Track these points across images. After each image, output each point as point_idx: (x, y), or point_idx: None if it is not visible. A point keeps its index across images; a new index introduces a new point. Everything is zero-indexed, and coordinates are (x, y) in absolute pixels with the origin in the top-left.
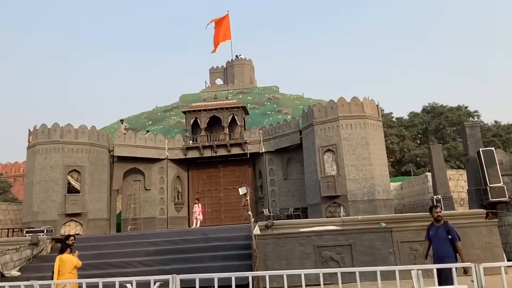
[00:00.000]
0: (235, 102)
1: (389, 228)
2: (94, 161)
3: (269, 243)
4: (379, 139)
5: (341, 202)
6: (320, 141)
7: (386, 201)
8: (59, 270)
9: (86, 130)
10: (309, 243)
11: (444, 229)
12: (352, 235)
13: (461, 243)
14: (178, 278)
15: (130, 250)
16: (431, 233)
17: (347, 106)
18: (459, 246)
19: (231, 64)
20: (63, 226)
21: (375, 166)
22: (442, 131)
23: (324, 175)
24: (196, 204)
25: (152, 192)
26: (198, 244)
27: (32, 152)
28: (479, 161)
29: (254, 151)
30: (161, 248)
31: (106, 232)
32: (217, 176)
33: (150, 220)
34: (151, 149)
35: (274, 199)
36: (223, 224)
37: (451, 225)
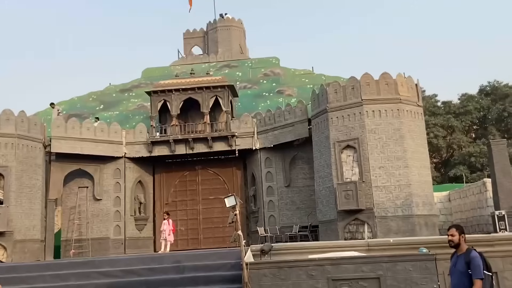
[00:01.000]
0: (219, 80)
1: (432, 255)
2: (24, 160)
3: (266, 274)
4: (418, 132)
5: (366, 218)
6: (336, 134)
7: (427, 217)
8: None
9: (13, 117)
10: (321, 275)
11: (464, 259)
12: (381, 264)
13: (481, 282)
14: None
15: (73, 283)
16: (451, 264)
17: (374, 85)
18: (477, 284)
19: (213, 27)
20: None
21: (413, 169)
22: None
23: (342, 181)
24: (165, 220)
25: (104, 203)
26: (168, 275)
27: None
28: None
29: (245, 147)
30: (117, 281)
31: (40, 258)
32: (194, 181)
33: (101, 242)
34: (102, 143)
35: (273, 214)
36: (202, 248)
37: (475, 254)
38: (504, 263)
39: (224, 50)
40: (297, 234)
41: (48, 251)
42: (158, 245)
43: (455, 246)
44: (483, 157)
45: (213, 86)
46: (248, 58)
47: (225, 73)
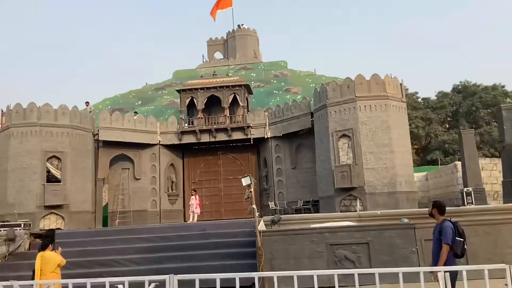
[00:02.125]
0: (237, 80)
1: (412, 225)
2: (77, 146)
3: (276, 240)
4: (402, 123)
5: (358, 194)
6: (334, 125)
7: (409, 193)
8: (41, 269)
9: (67, 111)
10: (321, 241)
11: (437, 228)
12: (370, 232)
13: (447, 247)
14: (175, 279)
15: (118, 247)
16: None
17: (366, 84)
18: (444, 248)
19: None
20: (42, 220)
21: (397, 154)
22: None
23: (338, 164)
24: (193, 195)
25: (143, 182)
26: (195, 240)
27: (5, 135)
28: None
29: (259, 136)
30: (153, 245)
31: (91, 226)
32: (216, 164)
33: (140, 214)
34: (141, 133)
35: (281, 191)
36: (223, 218)
37: (448, 224)
38: (470, 231)
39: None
40: (301, 208)
41: (97, 221)
42: (187, 216)
43: (431, 216)
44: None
45: (232, 85)
46: (261, 62)
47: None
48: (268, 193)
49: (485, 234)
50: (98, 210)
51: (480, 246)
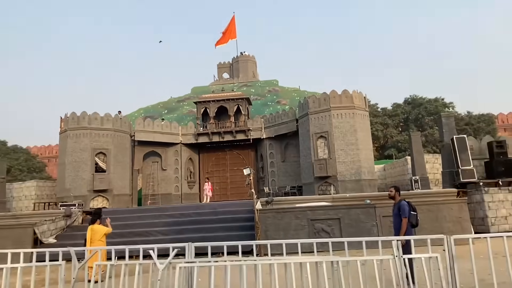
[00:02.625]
0: (240, 94)
1: (373, 205)
2: (118, 145)
3: (269, 216)
4: (365, 127)
5: (332, 181)
6: (314, 129)
7: (370, 181)
8: (90, 238)
9: (111, 118)
10: (303, 217)
11: (396, 206)
12: (340, 210)
13: (406, 219)
14: (193, 246)
15: (150, 221)
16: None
17: (338, 98)
18: (403, 221)
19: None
20: (91, 201)
21: (362, 150)
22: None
23: (317, 158)
24: (206, 182)
25: (168, 172)
26: (208, 216)
27: (64, 136)
28: (453, 147)
29: (256, 137)
30: (176, 220)
31: (129, 206)
32: (224, 158)
33: (166, 196)
34: (166, 134)
35: (274, 179)
36: (229, 200)
37: (404, 202)
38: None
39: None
40: (288, 191)
41: (133, 201)
42: (202, 198)
43: (392, 198)
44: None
45: (236, 98)
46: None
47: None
48: (263, 180)
49: (428, 211)
50: (134, 193)
51: (425, 221)
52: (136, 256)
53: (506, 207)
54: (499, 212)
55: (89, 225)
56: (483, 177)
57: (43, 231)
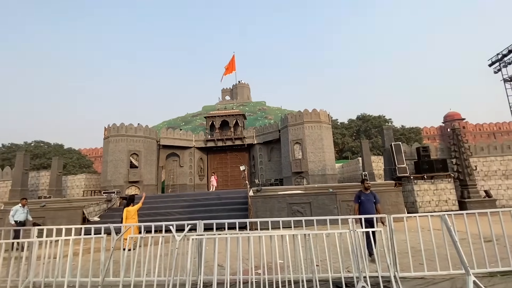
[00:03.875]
0: (238, 111)
1: (334, 192)
2: (147, 148)
3: (258, 201)
4: (329, 136)
5: (304, 175)
6: (292, 137)
7: (332, 175)
8: (126, 217)
9: (142, 128)
10: (284, 201)
11: (372, 195)
12: (311, 196)
13: (380, 205)
14: (202, 223)
15: (170, 204)
16: (363, 198)
17: (309, 114)
18: (379, 206)
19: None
20: (127, 189)
21: (326, 153)
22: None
23: (294, 159)
24: (213, 175)
25: (184, 168)
26: (213, 201)
27: (106, 141)
28: (391, 151)
29: (250, 142)
30: (190, 203)
31: (155, 193)
32: (226, 158)
33: (183, 186)
34: (183, 140)
35: (262, 173)
36: (229, 189)
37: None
38: None
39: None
40: (273, 183)
41: (158, 190)
42: (209, 187)
43: (368, 188)
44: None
45: (235, 114)
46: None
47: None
48: (255, 174)
49: None
50: (159, 184)
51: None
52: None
53: (429, 194)
54: (424, 198)
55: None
56: (413, 173)
57: (89, 212)
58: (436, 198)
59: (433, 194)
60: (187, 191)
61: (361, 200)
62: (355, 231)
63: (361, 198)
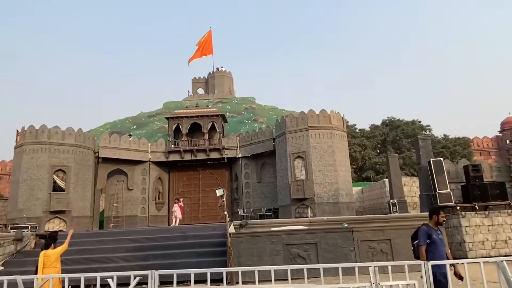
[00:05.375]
0: (215, 111)
1: (350, 228)
2: (80, 162)
3: (242, 241)
4: (343, 148)
5: (309, 204)
6: (291, 148)
7: (348, 203)
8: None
9: (73, 132)
10: (279, 241)
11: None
12: (317, 234)
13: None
14: (156, 274)
15: (111, 246)
16: (435, 237)
17: (316, 117)
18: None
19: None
20: (47, 223)
21: (340, 172)
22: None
23: (294, 179)
24: (176, 203)
25: (135, 192)
26: (176, 241)
27: (19, 151)
28: (430, 170)
29: (231, 156)
30: (141, 245)
31: (89, 229)
32: (196, 178)
33: (131, 218)
34: (134, 151)
35: (249, 200)
36: (200, 223)
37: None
38: (395, 233)
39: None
40: (264, 214)
41: (94, 224)
42: (171, 220)
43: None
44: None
45: (211, 115)
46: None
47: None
48: (238, 202)
49: (407, 236)
50: (95, 215)
51: (403, 246)
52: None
53: (482, 232)
54: (476, 237)
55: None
56: (460, 201)
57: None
58: (491, 237)
59: (488, 231)
60: (137, 226)
61: (432, 239)
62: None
63: (432, 237)
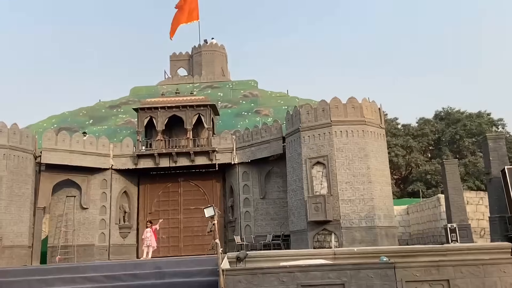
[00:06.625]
0: (202, 99)
1: (391, 264)
2: (14, 170)
3: (240, 280)
4: (381, 151)
5: (333, 229)
6: (308, 152)
7: (388, 229)
8: None
9: (5, 129)
10: (292, 281)
11: None
12: (345, 271)
13: None
14: None
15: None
16: None
17: (342, 108)
18: None
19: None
20: None
21: (376, 184)
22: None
23: (312, 195)
24: (149, 227)
25: (91, 212)
26: (149, 280)
27: None
28: (504, 182)
29: (225, 161)
30: (100, 286)
31: (27, 263)
32: (177, 192)
33: (86, 248)
34: (91, 155)
35: (248, 224)
36: (182, 255)
37: None
38: (455, 271)
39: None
40: (270, 243)
41: (34, 257)
42: (141, 252)
43: None
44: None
45: (196, 105)
46: (229, 80)
47: (207, 93)
48: (233, 226)
49: (472, 275)
50: (36, 244)
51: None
52: None
53: None
54: None
55: None
56: None
57: None
58: None
59: None
60: (94, 260)
61: None
62: None
63: None
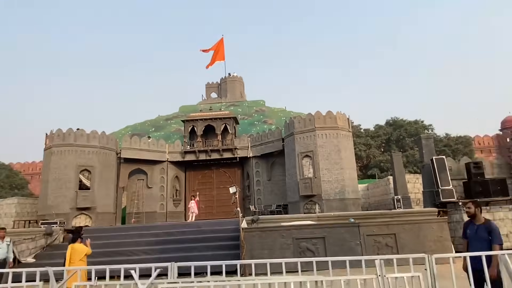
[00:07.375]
0: (227, 113)
1: (356, 223)
2: (103, 162)
3: (254, 235)
4: (349, 147)
5: (317, 200)
6: (299, 148)
7: (354, 200)
8: (70, 258)
9: (97, 135)
10: (289, 236)
11: (484, 228)
12: (325, 229)
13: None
14: (176, 266)
15: (133, 240)
16: (469, 232)
17: (322, 118)
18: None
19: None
20: (74, 219)
21: (346, 170)
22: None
23: (302, 177)
24: (192, 199)
25: (154, 190)
26: (192, 235)
27: (48, 153)
28: (432, 167)
29: (243, 155)
30: (160, 239)
31: (113, 224)
32: (211, 176)
33: (151, 214)
34: (153, 152)
35: (259, 197)
36: (215, 218)
37: (495, 225)
38: (399, 228)
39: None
40: (274, 210)
41: (117, 220)
42: (187, 216)
43: (472, 216)
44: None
45: (224, 118)
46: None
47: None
48: (249, 199)
49: (411, 230)
50: (118, 211)
51: (407, 240)
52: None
53: None
54: None
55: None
56: (462, 197)
57: (21, 250)
58: None
59: None
60: (156, 222)
61: (466, 235)
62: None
63: (467, 232)
